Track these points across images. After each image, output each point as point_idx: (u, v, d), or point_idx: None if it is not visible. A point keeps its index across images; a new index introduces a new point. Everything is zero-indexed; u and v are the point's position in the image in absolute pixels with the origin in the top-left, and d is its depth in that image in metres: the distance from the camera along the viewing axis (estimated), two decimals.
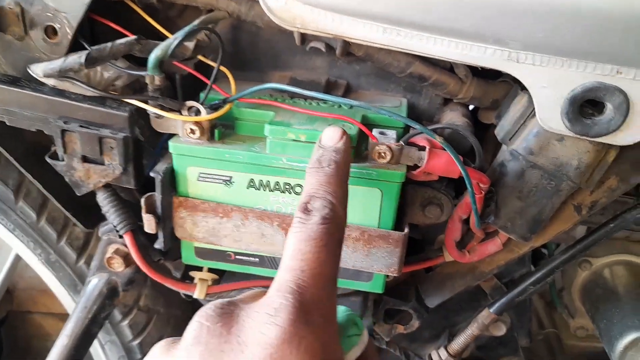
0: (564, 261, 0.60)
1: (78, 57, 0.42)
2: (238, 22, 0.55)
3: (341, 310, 0.38)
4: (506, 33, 0.43)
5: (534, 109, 0.46)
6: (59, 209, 0.60)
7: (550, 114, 0.45)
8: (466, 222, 0.55)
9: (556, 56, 0.43)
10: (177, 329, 0.86)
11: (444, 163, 0.47)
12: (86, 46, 0.48)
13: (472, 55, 0.44)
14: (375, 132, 0.47)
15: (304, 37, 0.53)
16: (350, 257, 0.51)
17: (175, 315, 0.87)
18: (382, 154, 0.46)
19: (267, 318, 0.28)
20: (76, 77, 0.44)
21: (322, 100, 0.51)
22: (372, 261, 0.50)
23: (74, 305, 0.62)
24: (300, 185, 0.49)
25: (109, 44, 0.43)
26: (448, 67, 0.56)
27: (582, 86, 0.43)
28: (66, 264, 0.74)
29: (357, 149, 0.47)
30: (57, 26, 0.48)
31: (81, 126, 0.47)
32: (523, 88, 0.48)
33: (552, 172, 0.50)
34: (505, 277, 0.68)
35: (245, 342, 0.28)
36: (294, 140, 0.47)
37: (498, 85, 0.56)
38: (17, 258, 0.79)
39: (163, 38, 0.52)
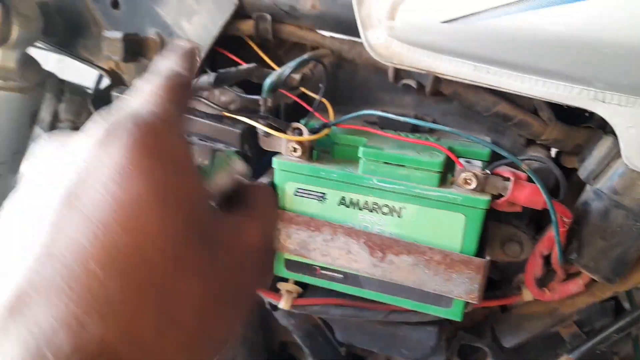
0: None
1: (208, 78, 0.49)
2: (337, 61, 0.62)
3: None
4: (593, 74, 0.45)
5: (619, 149, 0.47)
6: None
7: (636, 153, 0.47)
8: (547, 260, 0.56)
9: None
10: (251, 352, 0.90)
11: (528, 193, 0.49)
12: (209, 72, 0.56)
13: (559, 93, 0.47)
14: (461, 160, 0.51)
15: (397, 75, 0.58)
16: (432, 280, 0.53)
17: (249, 338, 0.90)
18: (468, 181, 0.49)
19: (95, 122, 0.29)
20: (202, 96, 0.52)
21: (412, 125, 0.55)
22: (452, 286, 0.52)
23: None
24: (387, 206, 0.52)
25: (233, 69, 0.51)
26: (532, 109, 0.58)
27: None
28: None
29: (444, 175, 0.51)
30: None
31: (200, 139, 0.54)
32: (607, 131, 0.50)
33: (638, 212, 0.50)
34: (585, 326, 0.67)
35: (75, 145, 0.29)
36: (384, 162, 0.51)
37: (581, 131, 0.58)
38: None
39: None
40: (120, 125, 0.28)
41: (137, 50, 0.56)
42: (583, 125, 0.58)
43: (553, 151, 0.63)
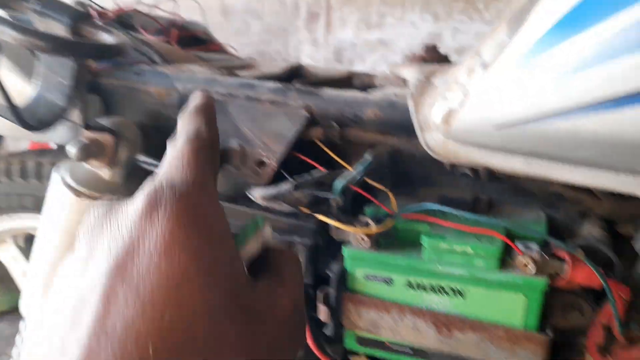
0: None
1: (288, 186, 0.57)
2: (398, 151, 0.68)
3: None
4: (634, 164, 0.49)
5: None
6: None
7: None
8: (608, 328, 0.59)
9: None
10: None
11: (585, 274, 0.53)
12: (285, 175, 0.64)
13: (608, 182, 0.52)
14: (518, 244, 0.56)
15: (453, 164, 0.64)
16: (496, 354, 0.57)
17: None
18: (526, 264, 0.54)
19: (136, 195, 0.30)
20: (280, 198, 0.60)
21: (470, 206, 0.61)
22: (516, 359, 0.56)
23: None
24: (451, 288, 0.58)
25: (308, 177, 0.58)
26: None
27: None
28: None
29: (503, 258, 0.56)
30: (266, 160, 0.66)
31: (280, 234, 0.62)
32: None
33: None
34: None
35: (118, 217, 0.30)
36: (447, 250, 0.57)
37: (634, 202, 0.62)
38: None
39: (338, 165, 0.67)
40: (160, 196, 0.29)
41: (222, 159, 0.65)
42: (635, 197, 0.61)
43: None
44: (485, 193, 0.68)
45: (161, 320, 0.26)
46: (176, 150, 0.33)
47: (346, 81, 0.83)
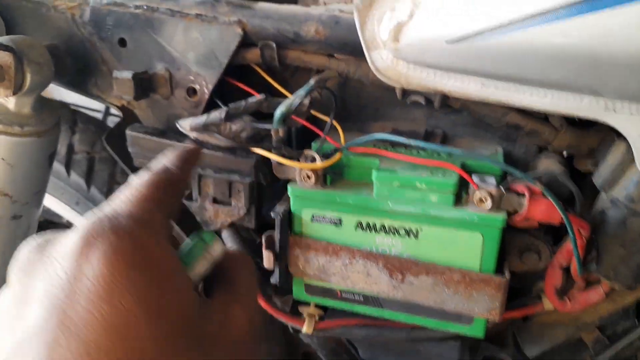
0: None
1: (219, 114, 0.50)
2: (344, 80, 0.62)
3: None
4: (602, 84, 0.45)
5: (632, 156, 0.47)
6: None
7: None
8: (567, 270, 0.56)
9: None
10: None
11: (544, 209, 0.49)
12: (219, 104, 0.57)
13: (569, 105, 0.47)
14: (475, 178, 0.51)
15: (405, 92, 0.58)
16: (452, 299, 0.53)
17: (273, 353, 0.91)
18: (483, 200, 0.49)
19: (72, 231, 0.29)
20: (214, 130, 0.52)
21: (422, 148, 0.55)
22: (473, 304, 0.53)
23: None
24: (403, 228, 0.52)
25: (242, 102, 0.51)
26: (543, 117, 0.58)
27: None
28: None
29: (458, 194, 0.51)
30: (197, 87, 0.58)
31: (215, 172, 0.55)
32: (620, 136, 0.49)
33: None
34: (607, 330, 0.67)
35: (54, 256, 0.28)
36: (398, 186, 0.51)
37: (593, 134, 0.58)
38: None
39: (280, 95, 0.60)
40: (98, 233, 0.28)
41: (147, 87, 0.56)
42: (595, 128, 0.57)
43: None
44: (439, 126, 0.62)
45: None
46: (134, 182, 0.32)
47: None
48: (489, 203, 0.49)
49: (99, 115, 1.02)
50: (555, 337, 0.63)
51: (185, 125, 0.52)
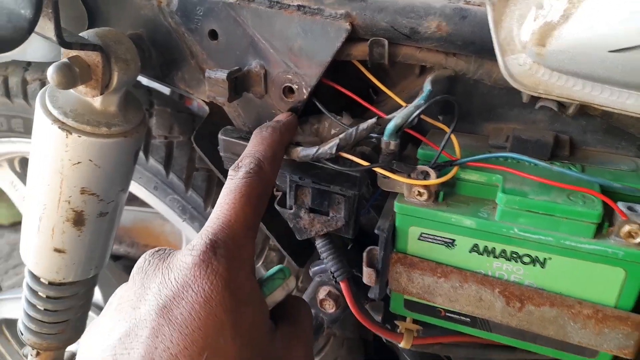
0: None
1: (329, 149, 0.45)
2: (455, 76, 0.54)
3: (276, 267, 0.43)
4: None
5: None
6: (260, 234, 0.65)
7: None
8: None
9: None
10: (350, 351, 0.89)
11: None
12: (325, 111, 0.51)
13: None
14: (622, 206, 0.44)
15: (536, 97, 0.51)
16: (578, 333, 0.48)
17: (348, 338, 0.90)
18: (633, 234, 0.42)
19: (187, 252, 0.36)
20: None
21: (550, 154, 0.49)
22: (602, 340, 0.47)
23: None
24: (528, 256, 0.47)
25: (353, 132, 0.46)
26: None
27: None
28: None
29: (601, 221, 0.44)
30: (294, 87, 0.52)
31: (314, 182, 0.50)
32: None
33: None
34: None
35: (170, 267, 0.36)
36: (528, 211, 0.45)
37: None
38: None
39: (378, 90, 0.54)
40: (209, 258, 0.35)
41: (241, 86, 0.51)
42: None
43: None
44: (565, 131, 0.54)
45: (200, 358, 0.33)
46: (230, 193, 0.40)
47: None
48: (637, 236, 0.43)
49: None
50: None
51: (293, 155, 0.47)
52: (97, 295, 1.07)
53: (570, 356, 0.51)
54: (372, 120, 0.46)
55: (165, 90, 0.88)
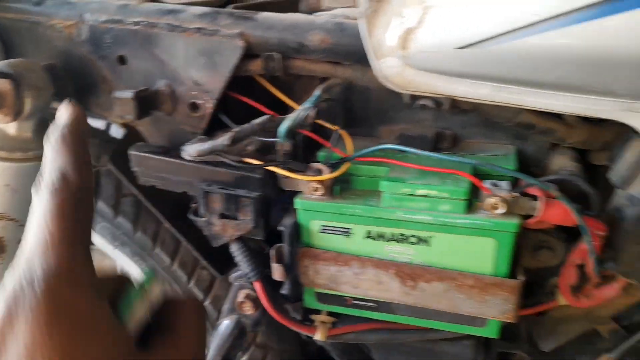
0: None
1: (223, 140, 0.49)
2: (350, 85, 0.60)
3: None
4: (619, 85, 0.43)
5: None
6: (190, 255, 0.68)
7: None
8: (581, 267, 0.55)
9: None
10: None
11: (559, 213, 0.48)
12: (225, 120, 0.56)
13: (586, 107, 0.46)
14: (487, 183, 0.50)
15: (413, 95, 0.57)
16: (464, 303, 0.53)
17: (287, 350, 0.92)
18: (496, 206, 0.48)
19: None
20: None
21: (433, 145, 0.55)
22: (486, 308, 0.52)
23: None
24: (414, 236, 0.52)
25: (247, 126, 0.50)
26: (556, 114, 0.57)
27: None
28: None
29: (470, 201, 0.50)
30: (199, 102, 0.57)
31: (221, 188, 0.55)
32: (637, 133, 0.48)
33: None
34: (624, 319, 0.66)
35: None
36: (408, 194, 0.51)
37: (609, 128, 0.56)
38: None
39: (284, 104, 0.59)
40: (18, 302, 0.27)
41: (149, 104, 0.56)
42: (609, 122, 0.56)
43: None
44: (449, 127, 0.61)
45: None
46: (38, 218, 0.31)
47: (291, 5, 0.73)
48: (501, 209, 0.49)
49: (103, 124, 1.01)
50: (570, 331, 0.63)
51: (190, 151, 0.51)
52: None
53: (465, 327, 0.56)
54: (266, 117, 0.51)
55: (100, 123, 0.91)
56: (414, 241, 0.52)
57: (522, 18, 0.41)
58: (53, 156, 0.34)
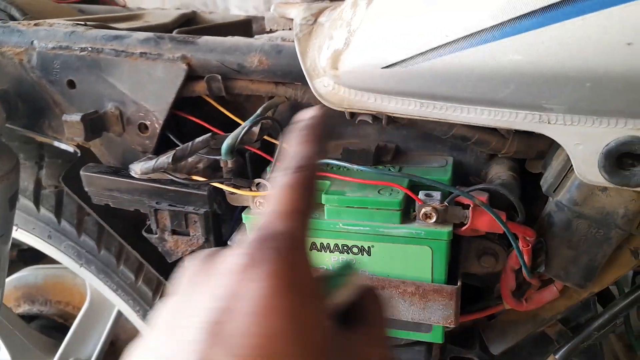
0: (628, 305, 0.60)
1: (166, 158, 0.51)
2: (294, 103, 0.63)
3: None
4: (535, 99, 0.46)
5: None
6: (154, 274, 0.70)
7: (587, 167, 0.48)
8: (520, 271, 0.58)
9: (586, 115, 0.46)
10: None
11: (488, 220, 0.50)
12: (172, 138, 0.58)
13: (505, 120, 0.48)
14: (421, 194, 0.52)
15: (353, 112, 0.60)
16: (408, 310, 0.55)
17: None
18: (429, 215, 0.51)
19: (237, 250, 0.31)
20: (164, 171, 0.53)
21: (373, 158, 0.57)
22: (429, 314, 0.54)
23: None
24: (356, 246, 0.54)
25: (189, 145, 0.52)
26: (490, 127, 0.60)
27: (615, 141, 0.46)
28: None
29: (405, 211, 0.52)
30: (148, 123, 0.59)
31: (170, 205, 0.56)
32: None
33: (600, 221, 0.51)
34: (571, 321, 0.69)
35: (217, 273, 0.31)
36: (347, 206, 0.53)
37: (541, 138, 0.59)
38: (119, 314, 0.90)
39: (233, 122, 0.61)
40: (261, 255, 0.30)
41: (99, 126, 0.57)
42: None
43: None
44: (391, 140, 0.64)
45: None
46: (284, 188, 0.33)
47: (245, 27, 0.76)
48: (433, 218, 0.51)
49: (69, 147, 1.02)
50: (518, 333, 0.65)
51: (136, 169, 0.53)
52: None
53: (412, 334, 0.58)
54: (207, 135, 0.53)
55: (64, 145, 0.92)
56: (356, 251, 0.54)
57: (435, 40, 0.43)
58: (300, 143, 0.36)
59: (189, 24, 0.78)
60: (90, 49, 0.57)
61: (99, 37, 0.58)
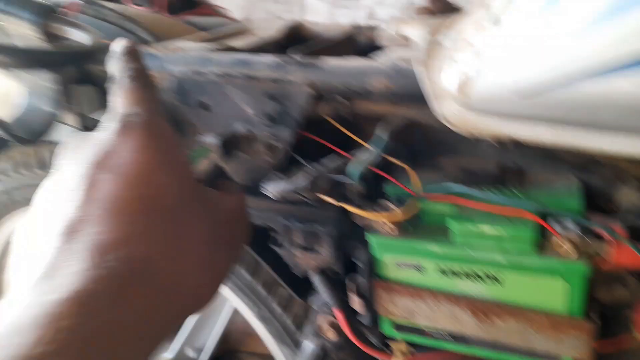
0: None
1: (303, 181, 0.53)
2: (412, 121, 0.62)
3: None
4: None
5: None
6: (270, 276, 0.73)
7: None
8: None
9: None
10: None
11: (630, 256, 0.48)
12: (302, 161, 0.60)
13: None
14: (554, 223, 0.50)
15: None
16: (539, 341, 0.53)
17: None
18: (563, 247, 0.49)
19: (106, 125, 0.39)
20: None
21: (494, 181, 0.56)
22: (561, 347, 0.53)
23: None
24: (487, 275, 0.53)
25: (323, 168, 0.54)
26: None
27: None
28: (274, 317, 0.89)
29: (538, 241, 0.51)
30: (275, 144, 0.61)
31: (299, 223, 0.59)
32: None
33: None
34: None
35: (96, 136, 0.38)
36: (476, 234, 0.52)
37: None
38: (236, 311, 0.96)
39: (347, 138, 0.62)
40: (129, 122, 0.38)
41: (231, 147, 0.60)
42: None
43: None
44: (512, 161, 0.61)
45: (138, 193, 0.35)
46: (127, 89, 0.41)
47: (350, 40, 0.76)
48: (569, 250, 0.49)
49: None
50: None
51: (272, 190, 0.56)
52: None
53: None
54: (341, 160, 0.55)
55: None
56: (486, 279, 0.53)
57: (576, 65, 0.41)
58: (124, 64, 0.44)
59: (298, 37, 0.80)
60: (221, 74, 0.60)
61: (230, 62, 0.60)
